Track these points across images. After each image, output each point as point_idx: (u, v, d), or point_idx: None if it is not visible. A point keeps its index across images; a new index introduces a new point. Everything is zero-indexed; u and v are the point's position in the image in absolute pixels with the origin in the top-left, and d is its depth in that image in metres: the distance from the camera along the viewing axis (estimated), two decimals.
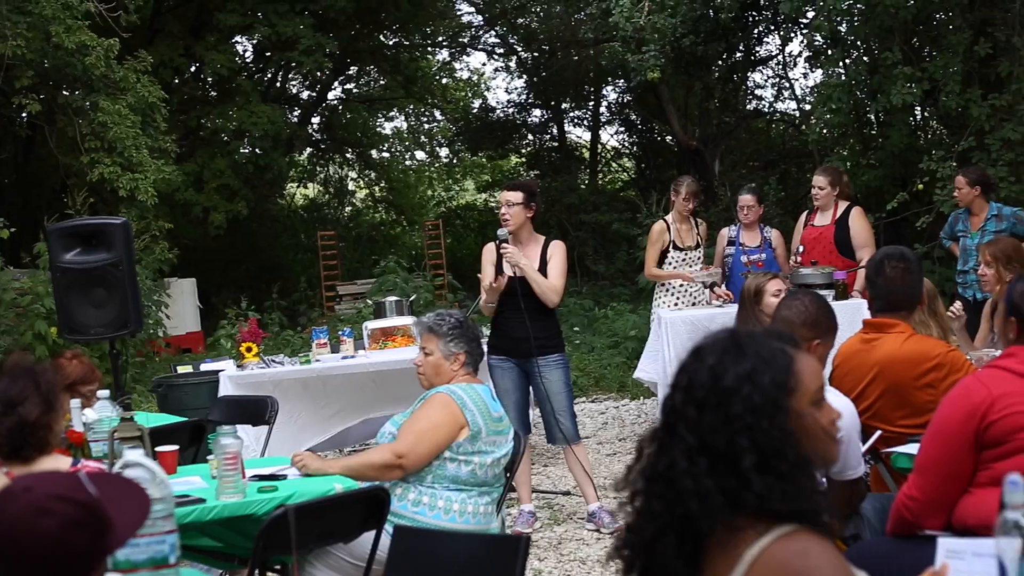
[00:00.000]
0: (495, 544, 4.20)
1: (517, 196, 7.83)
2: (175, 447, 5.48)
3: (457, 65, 30.66)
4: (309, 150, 30.14)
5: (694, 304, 10.00)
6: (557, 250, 7.90)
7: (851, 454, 4.59)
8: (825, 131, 16.11)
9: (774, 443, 2.54)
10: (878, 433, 5.09)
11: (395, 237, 29.48)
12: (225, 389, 8.91)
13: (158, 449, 5.33)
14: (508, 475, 5.76)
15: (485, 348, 8.06)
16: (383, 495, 4.76)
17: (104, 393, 5.54)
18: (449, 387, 5.55)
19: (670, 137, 24.90)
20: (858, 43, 15.36)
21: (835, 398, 4.61)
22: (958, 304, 7.51)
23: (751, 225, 10.17)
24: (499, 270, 7.88)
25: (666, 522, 2.57)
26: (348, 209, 31.48)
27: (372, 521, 4.74)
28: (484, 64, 34.38)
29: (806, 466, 2.60)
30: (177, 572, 3.26)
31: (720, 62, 20.11)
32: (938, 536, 3.35)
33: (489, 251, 8.02)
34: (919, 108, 15.28)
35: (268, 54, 25.13)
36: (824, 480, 4.63)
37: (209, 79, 24.46)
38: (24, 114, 18.22)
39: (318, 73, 25.66)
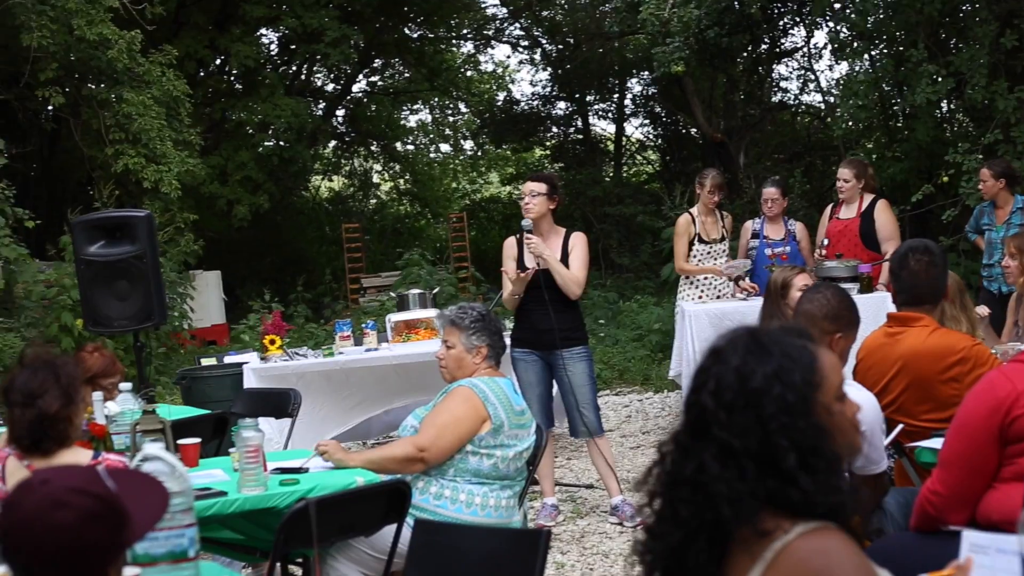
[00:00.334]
0: (516, 538, 4.19)
1: (541, 187, 7.83)
2: (197, 440, 5.49)
3: (482, 58, 30.68)
4: (334, 143, 30.16)
5: (719, 297, 9.98)
6: (578, 241, 7.88)
7: (873, 449, 4.56)
8: (851, 124, 16.04)
9: (809, 440, 2.53)
10: (900, 427, 5.06)
11: (420, 229, 29.48)
12: (248, 381, 8.94)
13: (180, 442, 5.34)
14: (530, 468, 5.74)
15: (508, 341, 8.10)
16: (404, 489, 4.74)
17: (126, 386, 5.53)
18: (471, 380, 5.54)
19: (695, 129, 24.83)
20: (884, 36, 15.28)
21: (857, 392, 4.59)
22: (983, 308, 7.47)
23: (775, 218, 10.13)
24: (520, 264, 7.87)
25: (696, 527, 2.56)
26: (373, 202, 31.49)
27: (393, 515, 4.73)
28: (509, 57, 34.28)
29: (838, 462, 2.60)
30: (196, 566, 3.27)
31: (745, 54, 20.02)
32: (963, 530, 3.32)
33: (510, 246, 8.01)
34: (945, 100, 15.18)
35: (293, 47, 25.15)
36: (847, 475, 4.61)
37: (234, 72, 24.49)
38: (49, 107, 18.29)
39: (343, 66, 25.65)
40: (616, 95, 27.40)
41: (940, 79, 13.40)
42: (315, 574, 4.44)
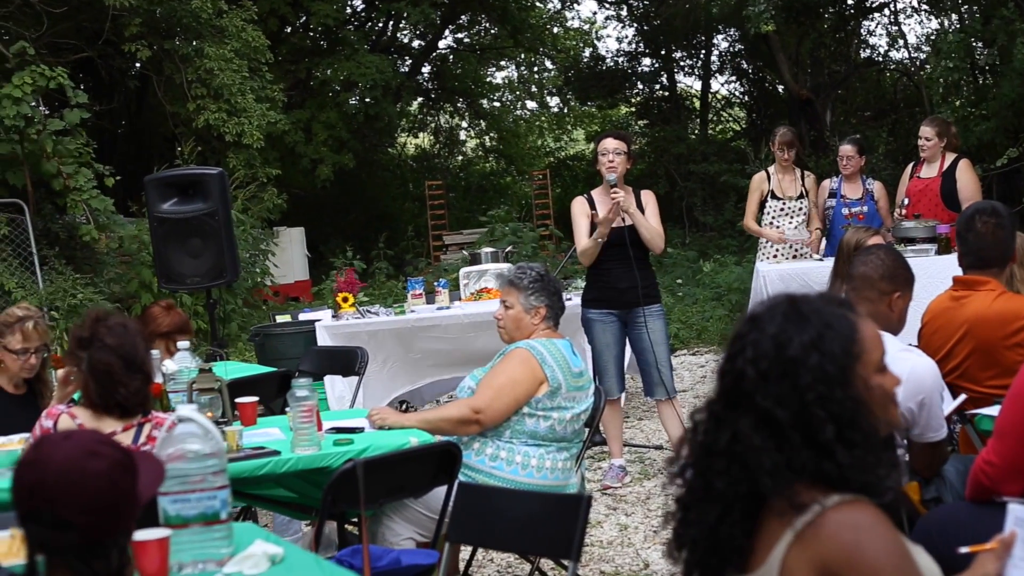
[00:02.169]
0: (556, 503, 4.15)
1: (623, 146, 7.82)
2: (255, 398, 5.49)
3: (568, 14, 30.46)
4: (420, 99, 30.17)
5: (795, 257, 9.84)
6: (651, 199, 7.87)
7: (933, 417, 4.44)
8: (941, 80, 15.72)
9: (847, 412, 2.49)
10: (962, 397, 4.94)
11: (505, 187, 29.44)
12: (321, 339, 8.96)
13: (238, 400, 5.35)
14: (588, 430, 5.70)
15: (578, 302, 8.06)
16: (454, 450, 4.72)
17: (184, 344, 5.56)
18: (529, 342, 5.49)
19: (782, 87, 24.54)
20: None
21: (917, 358, 4.50)
22: None
23: (852, 176, 9.96)
24: (593, 223, 7.79)
25: (731, 500, 2.52)
26: (459, 158, 31.49)
27: (443, 476, 4.71)
28: (595, 13, 34.01)
29: (876, 435, 2.54)
30: (229, 527, 3.26)
31: (832, 10, 19.69)
32: (1009, 503, 3.22)
33: (580, 204, 7.95)
34: None
35: (377, 3, 25.14)
36: (905, 442, 4.52)
37: (319, 29, 24.52)
38: (137, 64, 18.46)
39: (427, 22, 25.57)
40: (703, 51, 27.13)
41: None
42: (363, 535, 4.42)
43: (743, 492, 2.51)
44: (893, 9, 21.22)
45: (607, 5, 28.43)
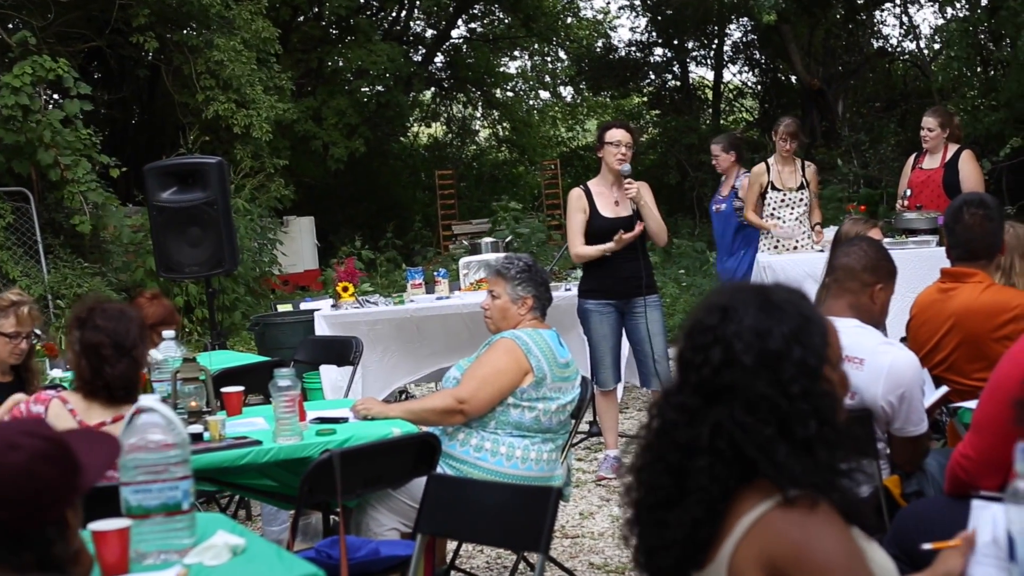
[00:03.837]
0: (527, 495, 4.11)
1: (631, 139, 7.86)
2: (240, 388, 5.49)
3: (581, 3, 30.40)
4: (433, 89, 30.15)
5: (796, 248, 9.79)
6: (647, 190, 7.81)
7: (913, 411, 4.41)
8: (952, 72, 15.64)
9: (825, 408, 2.43)
10: (944, 389, 4.91)
11: (517, 177, 29.41)
12: (319, 329, 8.95)
13: (223, 390, 5.35)
14: (574, 422, 5.68)
15: (575, 292, 8.04)
16: (433, 441, 4.70)
17: (169, 333, 5.56)
18: (514, 332, 5.47)
19: (794, 77, 24.47)
20: None
21: (898, 351, 4.47)
22: None
23: (726, 174, 10.57)
24: (594, 215, 7.78)
25: (702, 499, 2.47)
26: (473, 148, 31.47)
27: (423, 467, 4.69)
28: (608, 2, 33.91)
29: (846, 431, 2.48)
30: (191, 518, 3.25)
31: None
32: (972, 500, 3.18)
33: (577, 197, 7.93)
34: None
35: None
36: (886, 435, 4.49)
37: (332, 17, 24.51)
38: (148, 54, 18.50)
39: (440, 11, 25.55)
40: (715, 41, 27.08)
41: None
42: (340, 526, 4.41)
43: (715, 492, 2.45)
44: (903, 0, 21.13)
45: None
